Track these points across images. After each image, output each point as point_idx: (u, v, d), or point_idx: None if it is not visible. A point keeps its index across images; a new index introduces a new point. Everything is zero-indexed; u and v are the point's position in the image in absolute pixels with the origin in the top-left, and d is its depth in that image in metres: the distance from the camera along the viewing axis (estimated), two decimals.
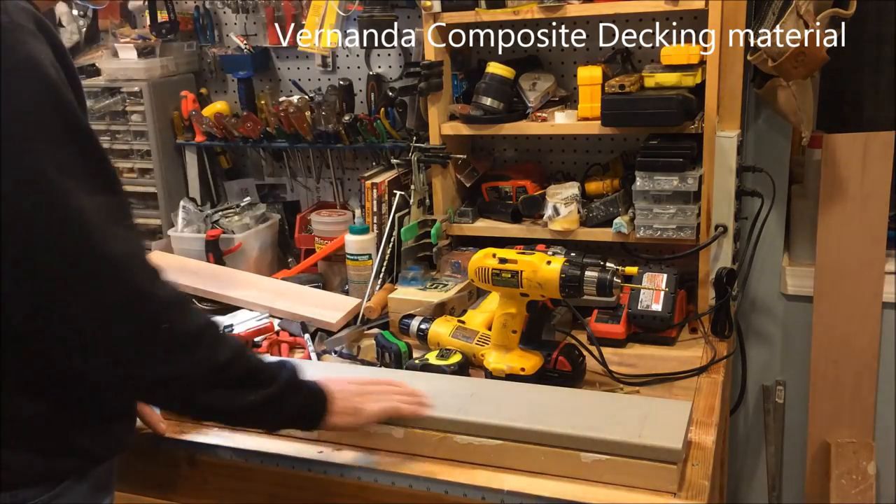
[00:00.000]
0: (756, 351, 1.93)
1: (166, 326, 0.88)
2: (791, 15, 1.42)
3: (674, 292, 1.54)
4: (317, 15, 1.92)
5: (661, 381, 1.40)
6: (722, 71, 1.54)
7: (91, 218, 0.82)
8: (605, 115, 1.59)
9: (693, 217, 1.57)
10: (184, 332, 0.90)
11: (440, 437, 1.16)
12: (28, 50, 0.81)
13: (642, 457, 1.06)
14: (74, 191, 0.82)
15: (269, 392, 0.98)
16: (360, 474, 1.18)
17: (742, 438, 2.02)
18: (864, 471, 1.82)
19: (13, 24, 0.81)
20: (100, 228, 0.83)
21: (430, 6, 1.68)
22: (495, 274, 1.32)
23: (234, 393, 0.95)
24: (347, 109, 1.98)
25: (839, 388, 1.83)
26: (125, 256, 0.85)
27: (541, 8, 1.61)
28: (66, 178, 0.81)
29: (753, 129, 1.77)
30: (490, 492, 1.10)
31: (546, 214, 1.70)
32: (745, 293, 1.88)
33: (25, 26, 0.82)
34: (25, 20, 0.83)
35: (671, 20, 1.69)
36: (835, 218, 1.75)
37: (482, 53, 1.85)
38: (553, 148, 1.91)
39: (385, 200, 1.84)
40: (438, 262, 1.77)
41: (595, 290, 1.25)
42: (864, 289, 1.77)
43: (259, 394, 0.97)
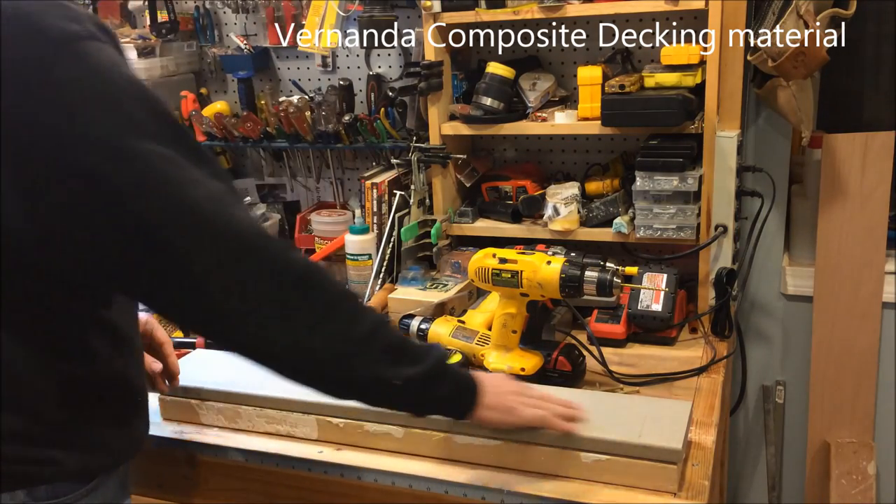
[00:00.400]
0: (756, 351, 1.94)
1: (298, 303, 0.87)
2: (791, 15, 1.42)
3: (674, 292, 1.54)
4: (317, 15, 1.92)
5: (661, 381, 1.40)
6: (722, 71, 1.54)
7: (211, 203, 0.83)
8: (605, 115, 1.59)
9: (693, 217, 1.57)
10: (319, 305, 0.89)
11: (440, 437, 1.16)
12: (109, 55, 0.82)
13: (642, 457, 1.06)
14: (190, 181, 0.83)
15: (416, 371, 0.94)
16: (360, 474, 1.18)
17: (742, 438, 2.02)
18: (864, 471, 1.82)
19: (89, 32, 0.81)
20: (223, 211, 0.84)
21: (430, 6, 1.68)
22: (495, 274, 1.32)
23: (376, 366, 0.92)
24: (347, 109, 1.98)
25: (839, 388, 1.83)
26: (255, 233, 0.86)
27: (541, 8, 1.61)
28: (178, 171, 0.82)
29: (753, 129, 1.77)
30: (490, 492, 1.10)
31: (546, 214, 1.70)
32: (745, 293, 1.88)
33: (98, 34, 0.83)
34: (96, 28, 0.83)
35: (671, 20, 1.69)
36: (835, 218, 1.75)
37: (482, 53, 1.85)
38: (553, 148, 1.91)
39: (385, 200, 1.84)
40: (438, 262, 1.77)
41: (595, 290, 1.25)
42: (864, 289, 1.77)
43: (404, 371, 0.93)
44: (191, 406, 1.31)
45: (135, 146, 0.80)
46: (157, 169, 0.81)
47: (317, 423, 1.23)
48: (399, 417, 1.19)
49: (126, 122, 0.80)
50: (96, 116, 0.79)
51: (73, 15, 0.81)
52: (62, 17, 0.80)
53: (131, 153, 0.80)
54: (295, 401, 1.25)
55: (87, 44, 0.80)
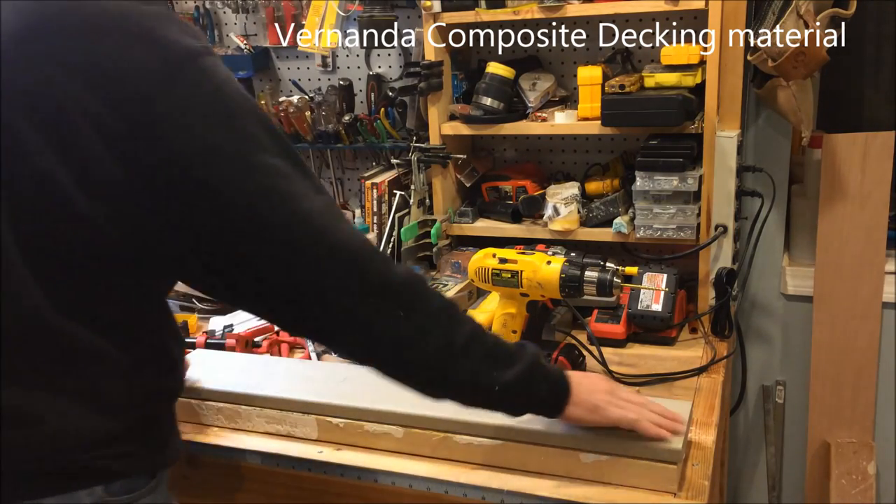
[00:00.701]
0: (756, 351, 1.94)
1: (402, 313, 0.90)
2: (791, 15, 1.42)
3: (674, 292, 1.54)
4: (317, 15, 1.92)
5: (661, 381, 1.40)
6: (722, 71, 1.54)
7: (321, 217, 0.86)
8: (605, 115, 1.59)
9: (693, 217, 1.57)
10: (420, 315, 0.91)
11: (440, 437, 1.16)
12: (223, 71, 0.84)
13: (642, 457, 1.06)
14: (300, 194, 0.85)
15: (513, 374, 0.97)
16: (360, 474, 1.18)
17: (742, 438, 2.02)
18: (864, 471, 1.82)
19: (205, 48, 0.83)
20: (332, 225, 0.87)
21: (430, 6, 1.68)
22: (495, 274, 1.32)
23: (476, 373, 0.95)
24: (347, 109, 1.98)
25: (839, 388, 1.83)
26: (361, 247, 0.88)
27: (541, 8, 1.61)
28: (292, 184, 0.85)
29: (753, 129, 1.77)
30: (490, 492, 1.10)
31: (546, 214, 1.70)
32: (745, 293, 1.88)
33: (211, 48, 0.85)
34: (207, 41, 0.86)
35: (671, 20, 1.69)
36: (835, 218, 1.75)
37: (482, 53, 1.85)
38: (553, 148, 1.91)
39: (385, 200, 1.84)
40: (438, 262, 1.77)
41: (595, 290, 1.25)
42: (864, 289, 1.77)
43: (503, 375, 0.96)
44: (191, 406, 1.31)
45: (252, 159, 0.82)
46: (273, 181, 0.83)
47: (317, 423, 1.23)
48: (399, 417, 1.19)
49: (243, 137, 0.83)
50: (215, 131, 0.81)
51: (190, 30, 0.84)
52: (181, 33, 0.82)
53: (249, 165, 0.82)
54: (295, 401, 1.25)
55: (205, 59, 0.82)
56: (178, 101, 0.79)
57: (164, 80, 0.79)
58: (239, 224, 0.83)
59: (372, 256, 0.89)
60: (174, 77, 0.79)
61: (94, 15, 0.79)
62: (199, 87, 0.81)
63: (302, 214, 0.85)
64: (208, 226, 0.83)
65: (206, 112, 0.81)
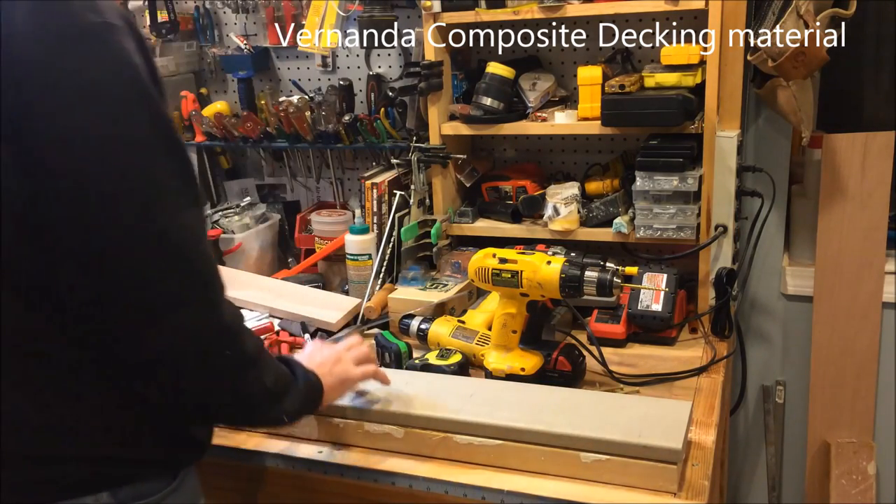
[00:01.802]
0: (756, 351, 1.94)
1: (230, 352, 0.89)
2: (791, 15, 1.42)
3: (674, 292, 1.54)
4: (317, 15, 1.92)
5: (661, 381, 1.40)
6: (722, 71, 1.54)
7: (183, 235, 0.82)
8: (605, 115, 1.59)
9: (693, 217, 1.57)
10: (247, 356, 0.91)
11: (440, 437, 1.16)
12: (125, 54, 0.79)
13: (642, 457, 1.06)
14: (169, 205, 0.81)
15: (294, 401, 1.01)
16: (360, 474, 1.18)
17: (742, 438, 2.02)
18: (864, 471, 1.82)
19: (107, 24, 0.78)
20: (192, 246, 0.83)
21: (430, 6, 1.68)
22: (495, 274, 1.32)
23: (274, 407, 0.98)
24: (347, 109, 1.98)
25: (839, 388, 1.83)
26: (212, 276, 0.86)
27: (541, 8, 1.61)
28: (161, 192, 0.80)
29: (753, 129, 1.77)
30: (490, 492, 1.10)
31: (546, 214, 1.70)
32: (745, 293, 1.88)
33: (118, 25, 0.80)
34: (117, 18, 0.80)
35: (671, 20, 1.69)
36: (835, 218, 1.75)
37: (482, 53, 1.85)
38: (553, 148, 1.91)
39: (385, 200, 1.84)
40: (438, 262, 1.77)
41: (595, 290, 1.25)
42: (864, 289, 1.77)
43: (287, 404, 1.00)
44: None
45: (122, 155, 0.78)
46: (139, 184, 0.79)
47: (317, 423, 1.23)
48: (399, 417, 1.19)
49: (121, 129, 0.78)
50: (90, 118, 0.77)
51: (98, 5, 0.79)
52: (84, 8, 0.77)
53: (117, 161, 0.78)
54: None
55: (103, 37, 0.78)
56: (60, 78, 0.75)
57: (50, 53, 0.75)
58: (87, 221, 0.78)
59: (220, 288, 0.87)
60: (63, 51, 0.75)
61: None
62: (87, 67, 0.76)
63: (161, 228, 0.80)
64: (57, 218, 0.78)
65: (86, 95, 0.76)
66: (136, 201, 0.79)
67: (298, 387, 1.02)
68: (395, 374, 1.34)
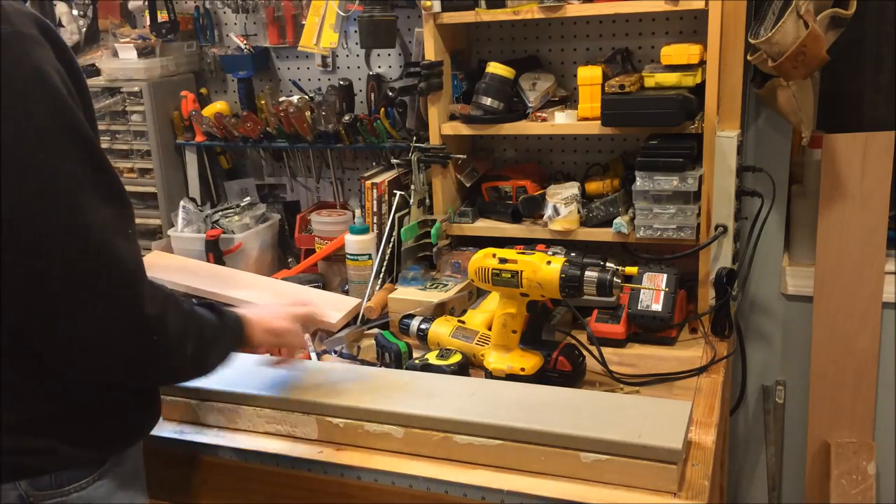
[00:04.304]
0: (756, 351, 1.94)
1: (157, 337, 0.92)
2: (791, 15, 1.42)
3: (674, 292, 1.54)
4: (317, 15, 1.92)
5: (661, 381, 1.40)
6: (722, 71, 1.54)
7: (98, 232, 0.84)
8: (605, 115, 1.59)
9: (693, 217, 1.57)
10: (170, 338, 0.94)
11: (440, 437, 1.16)
12: (33, 61, 0.81)
13: (642, 457, 1.06)
14: (82, 205, 0.83)
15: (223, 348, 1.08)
16: (360, 474, 1.18)
17: (742, 438, 2.02)
18: (864, 471, 1.82)
19: (16, 33, 0.80)
20: (105, 241, 0.85)
21: (430, 6, 1.68)
22: (495, 274, 1.32)
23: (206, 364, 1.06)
24: (347, 109, 1.98)
25: (839, 388, 1.83)
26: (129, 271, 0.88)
27: (541, 8, 1.61)
28: (74, 192, 0.83)
29: (753, 129, 1.77)
30: (490, 492, 1.10)
31: (546, 214, 1.70)
32: (745, 293, 1.88)
33: (29, 34, 0.82)
34: (28, 27, 0.82)
35: (671, 20, 1.69)
36: (835, 218, 1.75)
37: (482, 53, 1.85)
38: (553, 148, 1.91)
39: (385, 200, 1.84)
40: (438, 262, 1.77)
41: (595, 290, 1.25)
42: (864, 289, 1.77)
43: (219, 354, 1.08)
44: (191, 406, 1.31)
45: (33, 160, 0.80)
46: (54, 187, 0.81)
47: (317, 423, 1.23)
48: (399, 417, 1.19)
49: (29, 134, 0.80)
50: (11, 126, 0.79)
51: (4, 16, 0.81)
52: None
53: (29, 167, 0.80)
54: (295, 401, 1.25)
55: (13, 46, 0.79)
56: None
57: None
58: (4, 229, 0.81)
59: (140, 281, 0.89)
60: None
61: None
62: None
63: (75, 225, 0.83)
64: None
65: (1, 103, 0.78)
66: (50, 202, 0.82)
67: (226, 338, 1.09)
68: (394, 374, 1.34)
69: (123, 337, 0.89)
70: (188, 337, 0.99)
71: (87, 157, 0.84)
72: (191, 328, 1.00)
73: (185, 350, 0.98)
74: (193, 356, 1.00)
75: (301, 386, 1.28)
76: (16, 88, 0.80)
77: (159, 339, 0.92)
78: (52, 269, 0.83)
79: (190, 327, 1.00)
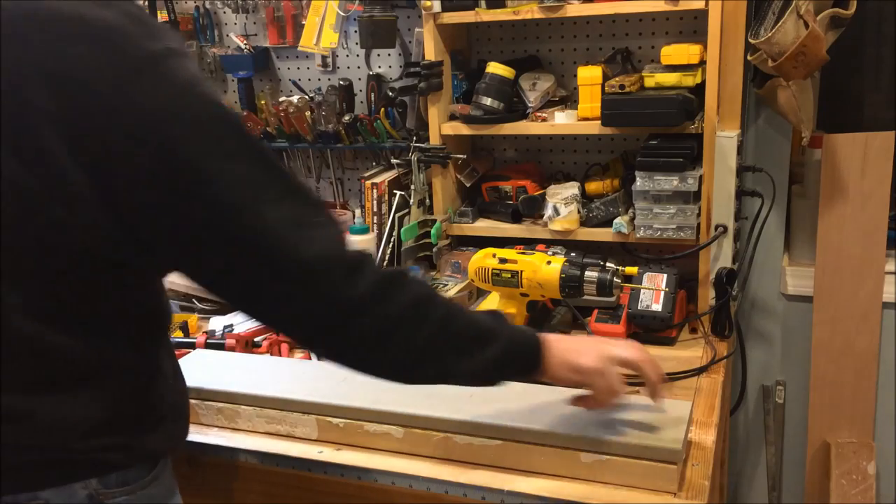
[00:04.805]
0: (756, 351, 1.94)
1: (367, 321, 0.89)
2: (791, 15, 1.42)
3: (674, 292, 1.54)
4: (317, 15, 1.92)
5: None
6: (722, 71, 1.54)
7: (279, 228, 0.84)
8: (605, 115, 1.59)
9: (693, 217, 1.57)
10: (384, 320, 0.90)
11: (440, 437, 1.16)
12: (188, 73, 0.82)
13: (642, 457, 1.06)
14: (259, 204, 0.83)
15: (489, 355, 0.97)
16: (360, 474, 1.18)
17: (742, 438, 2.02)
18: (864, 471, 1.82)
19: (168, 49, 0.81)
20: (290, 236, 0.84)
21: (430, 6, 1.68)
22: (495, 274, 1.32)
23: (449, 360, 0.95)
24: (347, 109, 1.98)
25: (839, 388, 1.83)
26: (318, 259, 0.86)
27: (541, 8, 1.61)
28: (250, 193, 0.82)
29: (753, 129, 1.77)
30: (490, 492, 1.10)
31: (546, 214, 1.70)
32: (745, 293, 1.88)
33: (178, 49, 0.82)
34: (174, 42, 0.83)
35: (671, 20, 1.69)
36: (835, 218, 1.75)
37: (482, 53, 1.85)
38: (553, 148, 1.91)
39: (385, 200, 1.84)
40: (438, 262, 1.77)
41: (595, 290, 1.25)
42: (864, 289, 1.77)
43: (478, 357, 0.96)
44: (191, 406, 1.31)
45: (211, 168, 0.81)
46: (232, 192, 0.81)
47: (317, 423, 1.23)
48: (399, 417, 1.19)
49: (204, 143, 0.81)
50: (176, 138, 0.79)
51: (153, 31, 0.81)
52: (142, 35, 0.80)
53: (208, 175, 0.80)
54: (295, 401, 1.25)
55: (167, 62, 0.80)
56: (138, 108, 0.78)
57: (123, 86, 0.77)
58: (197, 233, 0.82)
59: (336, 267, 0.87)
60: (133, 82, 0.78)
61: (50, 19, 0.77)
62: (158, 92, 0.79)
63: (256, 226, 0.83)
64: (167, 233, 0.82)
65: (165, 118, 0.79)
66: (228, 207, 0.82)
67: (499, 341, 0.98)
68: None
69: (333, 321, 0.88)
70: (421, 323, 0.92)
71: (255, 157, 0.84)
72: (428, 314, 0.93)
73: (415, 338, 0.92)
74: (426, 349, 0.93)
75: (301, 386, 1.28)
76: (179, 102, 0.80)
77: (373, 322, 0.89)
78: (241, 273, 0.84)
79: (427, 313, 0.93)
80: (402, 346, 0.92)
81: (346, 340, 0.90)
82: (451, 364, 0.96)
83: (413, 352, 0.93)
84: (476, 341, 0.97)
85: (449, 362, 0.95)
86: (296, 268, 0.85)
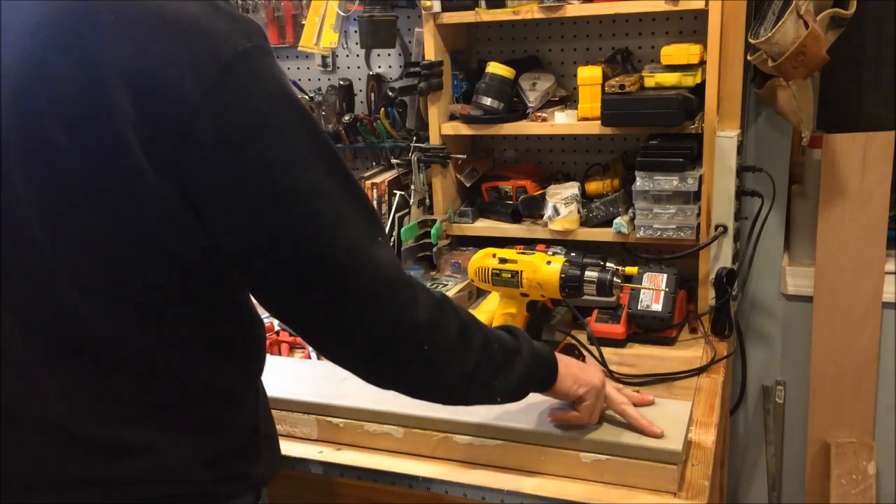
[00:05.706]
0: (756, 351, 1.93)
1: (426, 348, 0.87)
2: (791, 15, 1.42)
3: (674, 292, 1.54)
4: (317, 15, 1.92)
5: (661, 381, 1.40)
6: (722, 71, 1.54)
7: (357, 246, 0.80)
8: (605, 115, 1.59)
9: (693, 217, 1.57)
10: (439, 349, 0.89)
11: (440, 437, 1.16)
12: (277, 76, 0.77)
13: (642, 457, 1.06)
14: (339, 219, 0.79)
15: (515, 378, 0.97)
16: (360, 474, 1.18)
17: (742, 438, 2.02)
18: (864, 471, 1.82)
19: (257, 48, 0.76)
20: (364, 255, 0.81)
21: (430, 6, 1.68)
22: (495, 274, 1.32)
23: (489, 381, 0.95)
24: (347, 109, 1.98)
25: (839, 388, 1.83)
26: (387, 281, 0.83)
27: (541, 8, 1.61)
28: (332, 209, 0.79)
29: (753, 129, 1.77)
30: (490, 492, 1.10)
31: (546, 214, 1.70)
32: (745, 293, 1.88)
33: (263, 46, 0.77)
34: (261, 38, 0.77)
35: (671, 20, 1.69)
36: (835, 218, 1.75)
37: (482, 53, 1.85)
38: (553, 148, 1.91)
39: (385, 200, 1.84)
40: (438, 262, 1.77)
41: (595, 290, 1.25)
42: (864, 289, 1.77)
43: (504, 383, 0.97)
44: None
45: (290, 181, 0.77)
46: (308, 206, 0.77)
47: (317, 423, 1.23)
48: (399, 417, 1.19)
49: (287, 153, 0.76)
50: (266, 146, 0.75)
51: (241, 26, 0.76)
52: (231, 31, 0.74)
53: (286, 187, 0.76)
54: (295, 401, 1.25)
55: (255, 61, 0.75)
56: (223, 110, 0.73)
57: (209, 87, 0.72)
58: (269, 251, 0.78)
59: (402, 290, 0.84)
60: (220, 83, 0.72)
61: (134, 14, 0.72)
62: (245, 94, 0.74)
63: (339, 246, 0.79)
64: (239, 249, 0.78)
65: (256, 124, 0.74)
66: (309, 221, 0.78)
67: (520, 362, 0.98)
68: None
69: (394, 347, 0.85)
70: (468, 349, 0.91)
71: (336, 169, 0.80)
72: (472, 339, 0.92)
73: (464, 364, 0.91)
74: (474, 373, 0.92)
75: (301, 386, 1.28)
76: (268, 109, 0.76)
77: (430, 350, 0.87)
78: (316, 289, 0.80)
79: (471, 338, 0.92)
80: (454, 373, 0.91)
81: (403, 365, 0.88)
82: (490, 385, 0.96)
83: (464, 377, 0.92)
84: (506, 360, 0.97)
85: (489, 383, 0.96)
86: (367, 287, 0.81)
